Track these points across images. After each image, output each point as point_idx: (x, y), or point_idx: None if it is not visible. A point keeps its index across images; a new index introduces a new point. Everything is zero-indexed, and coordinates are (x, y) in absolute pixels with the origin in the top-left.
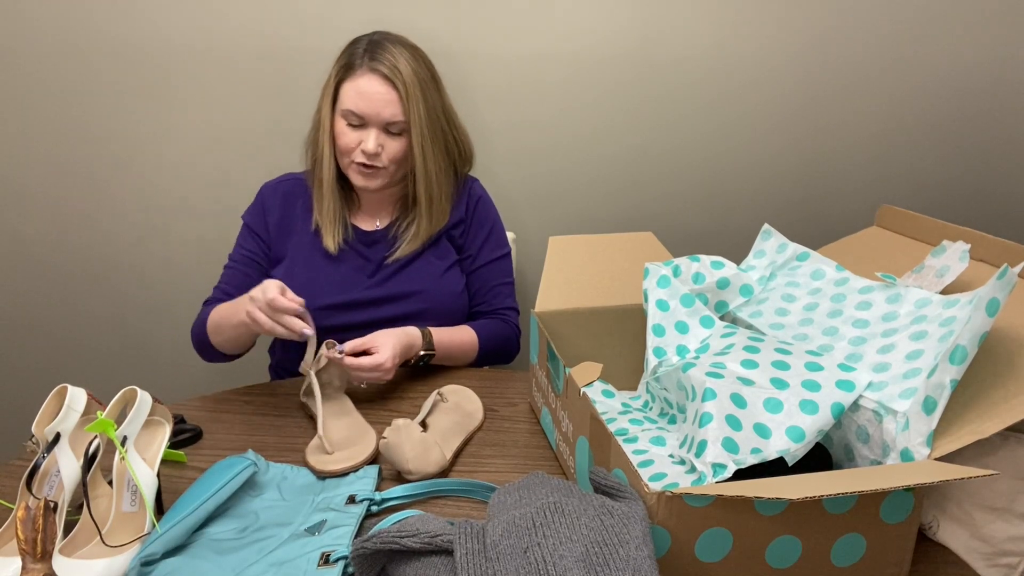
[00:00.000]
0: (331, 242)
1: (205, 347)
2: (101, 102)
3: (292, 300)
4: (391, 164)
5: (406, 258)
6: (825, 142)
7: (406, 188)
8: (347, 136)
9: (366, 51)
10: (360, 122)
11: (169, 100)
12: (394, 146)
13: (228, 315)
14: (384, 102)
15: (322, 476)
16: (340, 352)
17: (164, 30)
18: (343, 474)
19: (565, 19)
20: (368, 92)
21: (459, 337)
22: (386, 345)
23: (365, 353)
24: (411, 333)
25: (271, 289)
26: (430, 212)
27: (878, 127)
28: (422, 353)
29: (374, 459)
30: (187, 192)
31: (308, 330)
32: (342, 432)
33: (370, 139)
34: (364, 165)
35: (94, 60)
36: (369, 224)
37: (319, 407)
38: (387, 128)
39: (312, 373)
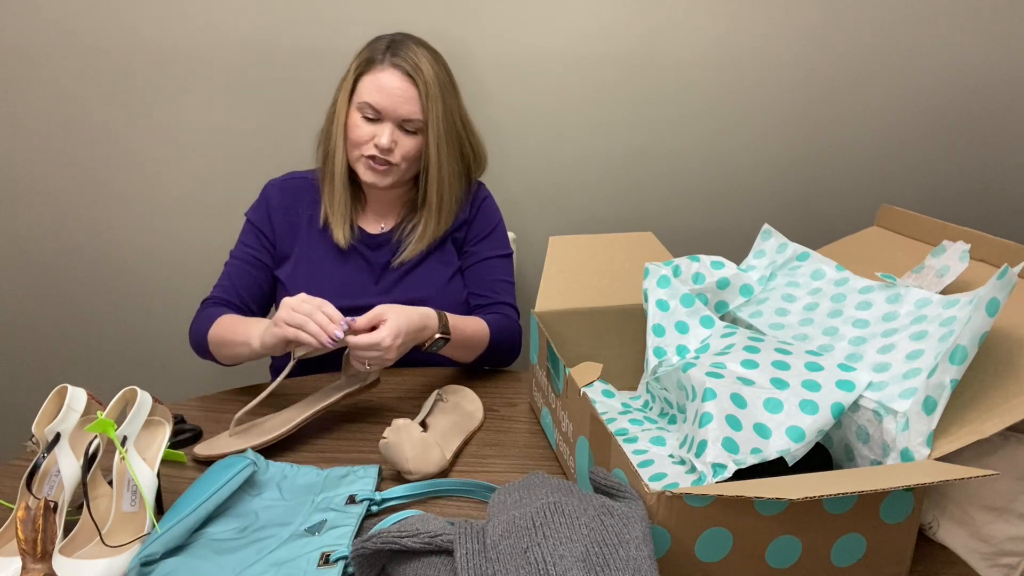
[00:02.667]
0: (341, 237)
1: (203, 352)
2: (102, 101)
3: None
4: (403, 162)
5: (411, 262)
6: (825, 142)
7: (414, 190)
8: (361, 129)
9: (388, 48)
10: (376, 116)
11: (170, 99)
12: (408, 143)
13: (233, 334)
14: (403, 98)
15: (201, 459)
16: (343, 331)
17: (165, 29)
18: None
19: (565, 19)
20: (388, 87)
21: (472, 325)
22: (391, 322)
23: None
24: (425, 314)
25: (325, 302)
26: (439, 214)
27: (878, 127)
28: (437, 336)
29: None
30: (188, 191)
31: (339, 332)
32: (272, 419)
33: (384, 133)
34: (375, 159)
35: (94, 59)
36: (374, 226)
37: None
38: (402, 125)
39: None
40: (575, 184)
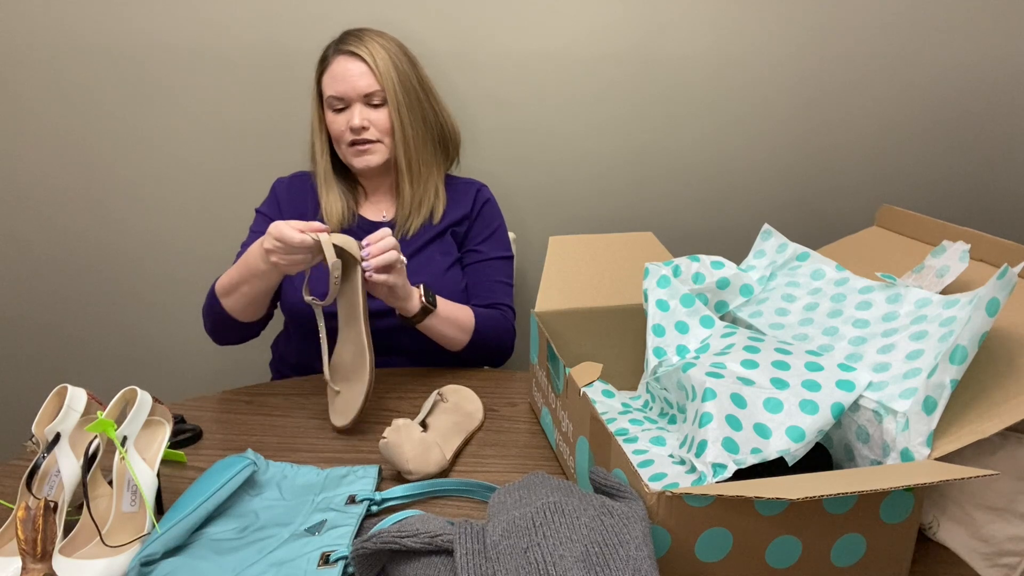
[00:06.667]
0: (336, 226)
1: (217, 319)
2: (101, 102)
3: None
4: (383, 136)
5: (411, 251)
6: (825, 141)
7: None
8: (336, 122)
9: (335, 42)
10: (343, 104)
11: (170, 100)
12: (379, 117)
13: (237, 272)
14: (357, 75)
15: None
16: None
17: (165, 30)
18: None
19: (564, 20)
20: (340, 72)
21: (456, 309)
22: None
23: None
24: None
25: (290, 223)
26: (410, 176)
27: (878, 126)
28: (422, 303)
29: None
30: (188, 191)
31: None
32: (347, 355)
33: (354, 115)
34: (355, 143)
35: (94, 59)
36: (376, 215)
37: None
38: (368, 102)
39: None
40: (575, 184)
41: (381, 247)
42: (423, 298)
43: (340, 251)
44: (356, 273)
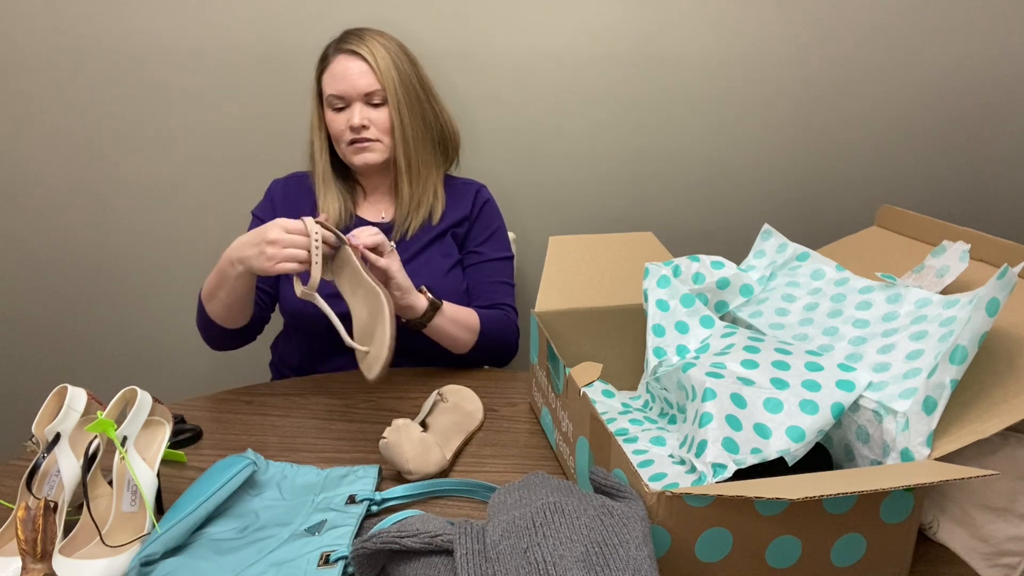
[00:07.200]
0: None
1: (207, 326)
2: (102, 102)
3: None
4: (383, 135)
5: (411, 253)
6: (825, 141)
7: None
8: (336, 121)
9: (335, 42)
10: (343, 103)
11: (170, 100)
12: (380, 116)
13: (215, 275)
14: (357, 74)
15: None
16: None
17: (165, 30)
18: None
19: (564, 20)
20: (341, 71)
21: (461, 310)
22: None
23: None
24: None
25: (282, 222)
26: (409, 176)
27: (878, 126)
28: (429, 299)
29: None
30: (188, 191)
31: (310, 222)
32: (363, 312)
33: (355, 114)
34: (355, 142)
35: (94, 59)
36: (374, 215)
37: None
38: (369, 101)
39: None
40: (575, 184)
41: (367, 232)
42: (427, 295)
43: (326, 227)
44: (347, 250)
